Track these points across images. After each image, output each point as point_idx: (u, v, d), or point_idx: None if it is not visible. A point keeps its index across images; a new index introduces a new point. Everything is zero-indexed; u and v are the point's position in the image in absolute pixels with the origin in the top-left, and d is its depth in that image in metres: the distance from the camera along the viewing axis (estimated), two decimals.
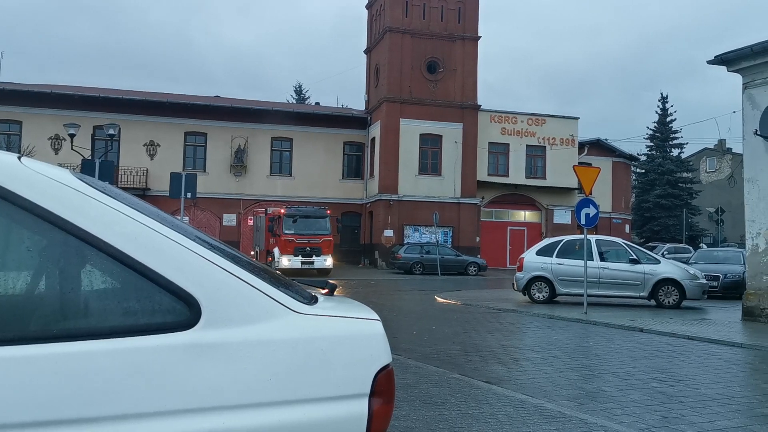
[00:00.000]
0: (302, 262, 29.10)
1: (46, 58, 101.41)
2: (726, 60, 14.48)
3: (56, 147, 36.75)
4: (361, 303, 2.29)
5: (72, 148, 24.25)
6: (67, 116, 32.68)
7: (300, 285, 2.31)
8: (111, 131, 23.30)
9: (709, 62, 14.84)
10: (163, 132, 38.59)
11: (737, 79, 14.49)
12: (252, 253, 33.70)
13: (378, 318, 2.03)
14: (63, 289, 1.71)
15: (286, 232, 29.39)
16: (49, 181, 1.71)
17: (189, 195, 18.35)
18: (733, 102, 14.41)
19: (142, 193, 36.77)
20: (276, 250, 29.45)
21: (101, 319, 1.69)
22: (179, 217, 20.87)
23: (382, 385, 1.89)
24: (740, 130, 14.42)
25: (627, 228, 47.09)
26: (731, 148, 64.12)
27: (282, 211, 30.53)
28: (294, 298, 1.91)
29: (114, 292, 1.73)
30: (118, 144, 36.99)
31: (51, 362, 1.57)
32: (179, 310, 1.71)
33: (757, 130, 13.56)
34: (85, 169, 17.76)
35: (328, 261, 30.02)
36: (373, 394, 1.86)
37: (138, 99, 38.03)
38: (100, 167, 17.64)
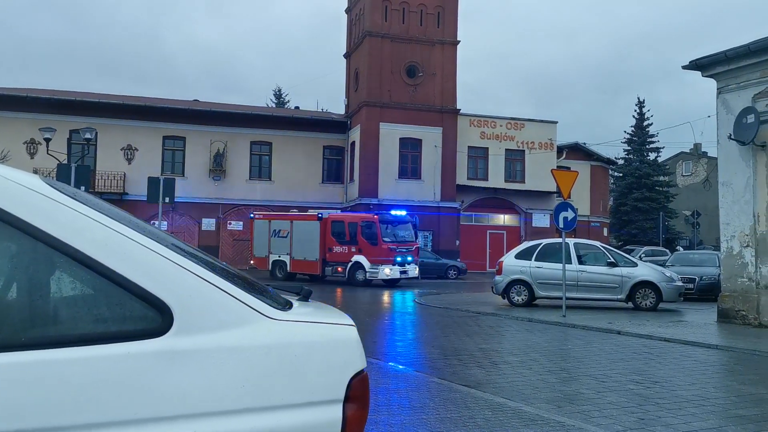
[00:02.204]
0: (400, 272, 26.96)
1: (12, 59, 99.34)
2: (700, 65, 14.68)
3: (32, 151, 36.28)
4: (336, 308, 2.29)
5: (48, 153, 23.98)
6: (42, 120, 32.32)
7: (275, 290, 2.30)
8: (87, 135, 23.08)
9: (684, 67, 15.03)
10: (141, 136, 38.25)
11: (712, 84, 14.70)
12: (265, 257, 30.60)
13: (353, 323, 2.03)
14: (32, 297, 1.69)
15: (385, 240, 27.01)
16: (18, 188, 1.69)
17: (167, 199, 18.20)
18: (709, 106, 14.66)
19: (120, 197, 36.42)
20: (363, 259, 26.77)
21: (71, 327, 1.67)
22: (156, 222, 20.72)
23: (357, 391, 1.89)
24: (715, 134, 14.63)
25: (605, 231, 47.52)
26: (706, 152, 64.99)
27: (375, 216, 28.25)
28: (268, 303, 1.91)
29: (84, 299, 1.71)
30: (95, 148, 36.62)
31: (18, 371, 1.55)
32: (151, 317, 1.70)
33: (731, 134, 13.76)
34: (61, 173, 17.55)
35: (416, 269, 28.02)
36: (347, 400, 1.86)
37: (115, 103, 37.68)
38: (77, 172, 17.44)
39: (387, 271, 26.54)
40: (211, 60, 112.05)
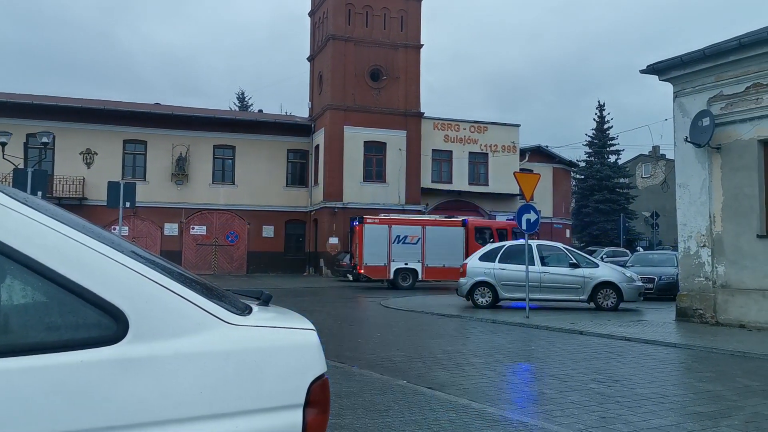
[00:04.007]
0: None
1: None
2: (658, 69, 14.99)
3: None
4: (296, 312, 2.28)
5: (3, 157, 23.38)
6: None
7: (234, 296, 2.28)
8: (45, 139, 22.57)
9: (642, 71, 15.33)
10: (101, 140, 37.58)
11: (671, 88, 15.01)
12: (383, 266, 28.04)
13: (313, 327, 2.02)
14: None
15: None
16: None
17: (128, 204, 17.92)
18: (667, 109, 14.94)
19: (79, 203, 35.74)
20: None
21: (21, 336, 1.64)
22: (117, 228, 20.37)
23: (317, 395, 1.88)
24: (672, 137, 14.94)
25: (567, 233, 48.20)
26: (665, 155, 66.46)
27: (513, 223, 28.02)
28: (227, 309, 1.89)
29: (35, 306, 1.68)
30: (53, 152, 35.90)
31: None
32: (105, 324, 1.67)
33: (687, 137, 14.08)
34: (18, 178, 17.13)
35: None
36: (308, 405, 1.85)
37: (73, 106, 36.96)
38: (33, 176, 17.05)
39: None
40: (171, 62, 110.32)
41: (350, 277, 30.21)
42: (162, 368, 1.68)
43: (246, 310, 2.03)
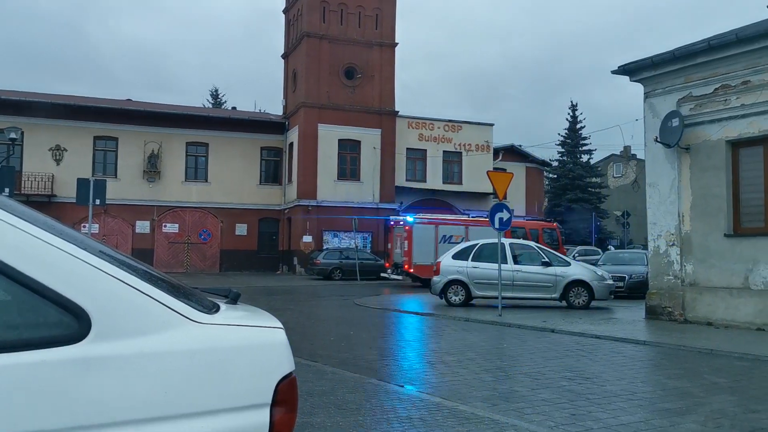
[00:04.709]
0: None
1: None
2: (628, 70, 15.17)
3: None
4: (265, 311, 2.26)
5: None
6: None
7: (202, 294, 2.25)
8: (12, 135, 22.15)
9: (614, 72, 15.50)
10: (71, 136, 37.00)
11: (641, 88, 15.20)
12: (430, 265, 27.14)
13: (281, 326, 2.01)
14: None
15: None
16: None
17: (98, 201, 17.63)
18: (638, 110, 15.10)
19: (48, 200, 35.19)
20: None
21: None
22: (87, 225, 20.05)
23: (285, 394, 1.87)
24: (643, 137, 15.14)
25: None
26: (636, 155, 67.35)
27: (555, 224, 31.44)
28: (193, 307, 1.86)
29: None
30: (21, 148, 35.24)
31: None
32: (67, 323, 1.63)
33: (657, 137, 14.27)
34: None
35: None
36: (275, 404, 1.83)
37: (42, 102, 36.34)
38: (0, 173, 16.74)
39: None
40: (141, 57, 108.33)
41: (393, 275, 29.84)
42: (125, 367, 1.65)
43: (213, 309, 2.00)
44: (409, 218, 28.57)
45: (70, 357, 1.60)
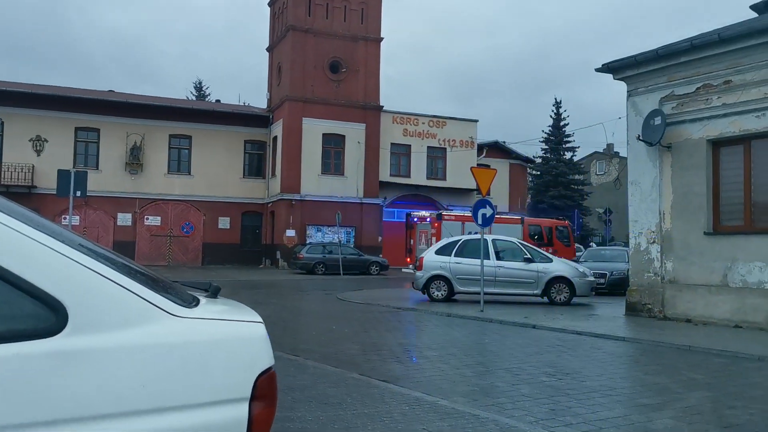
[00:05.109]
0: None
1: None
2: (612, 68, 15.26)
3: None
4: (245, 305, 2.25)
5: None
6: None
7: (181, 287, 2.24)
8: None
9: (597, 70, 15.59)
10: (52, 127, 36.59)
11: (624, 86, 15.29)
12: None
13: (261, 320, 2.00)
14: None
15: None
16: None
17: (78, 193, 17.46)
18: (621, 107, 15.21)
19: (28, 191, 34.81)
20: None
21: None
22: (67, 217, 19.83)
23: (264, 389, 1.86)
24: (625, 135, 15.24)
25: None
26: (618, 152, 67.80)
27: (567, 222, 34.00)
28: (172, 301, 1.85)
29: None
30: (1, 139, 34.86)
31: None
32: (43, 316, 1.62)
33: (639, 136, 14.37)
34: None
35: None
36: (254, 398, 1.83)
37: (23, 91, 35.91)
38: None
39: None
40: (123, 47, 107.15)
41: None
42: (103, 361, 1.64)
43: (193, 302, 1.99)
44: (434, 215, 31.06)
45: (46, 350, 1.58)
